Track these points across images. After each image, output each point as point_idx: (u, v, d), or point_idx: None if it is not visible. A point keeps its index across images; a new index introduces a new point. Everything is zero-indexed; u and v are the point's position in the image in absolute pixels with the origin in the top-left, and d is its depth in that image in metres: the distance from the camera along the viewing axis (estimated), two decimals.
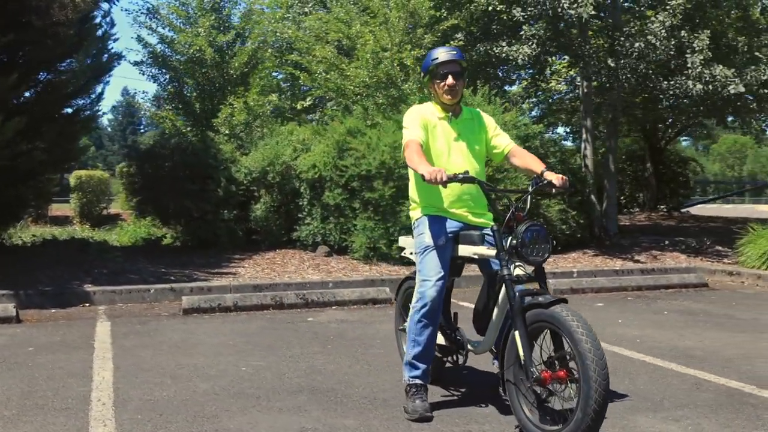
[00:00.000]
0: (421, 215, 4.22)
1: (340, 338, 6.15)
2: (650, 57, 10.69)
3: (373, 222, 10.20)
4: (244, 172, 11.04)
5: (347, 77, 11.50)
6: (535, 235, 3.69)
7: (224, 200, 10.86)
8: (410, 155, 3.96)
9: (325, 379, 4.81)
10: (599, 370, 3.25)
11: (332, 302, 7.85)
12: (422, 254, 4.10)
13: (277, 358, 5.40)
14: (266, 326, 6.70)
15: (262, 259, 10.33)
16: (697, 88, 10.59)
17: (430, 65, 4.23)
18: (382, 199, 10.10)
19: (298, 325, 6.75)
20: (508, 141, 4.36)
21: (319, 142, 11.20)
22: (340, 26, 11.99)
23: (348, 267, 9.86)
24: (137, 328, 6.61)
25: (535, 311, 3.56)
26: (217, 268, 9.60)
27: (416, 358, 4.06)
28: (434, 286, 4.00)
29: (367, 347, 5.79)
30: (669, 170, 20.85)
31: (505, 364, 3.72)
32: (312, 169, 10.71)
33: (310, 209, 11.00)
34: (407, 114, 4.25)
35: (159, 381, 4.76)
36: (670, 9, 10.40)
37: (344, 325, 6.74)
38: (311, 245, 10.92)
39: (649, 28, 10.59)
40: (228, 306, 7.51)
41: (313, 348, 5.76)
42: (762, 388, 4.58)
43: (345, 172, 10.39)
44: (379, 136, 10.41)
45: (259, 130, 12.05)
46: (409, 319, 4.10)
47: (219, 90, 13.65)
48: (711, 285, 9.51)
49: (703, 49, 10.58)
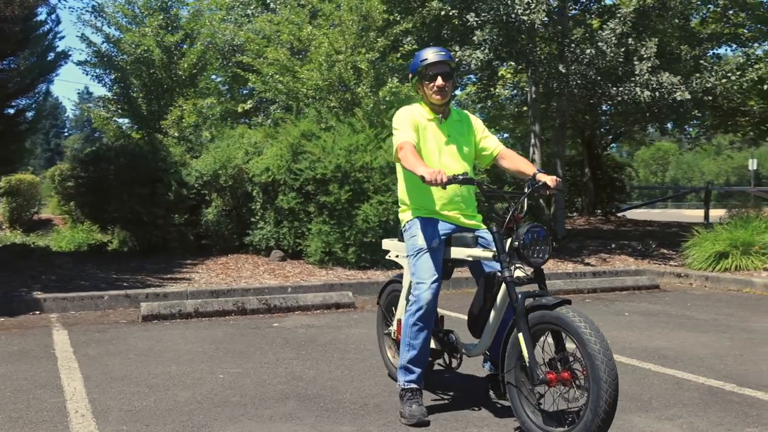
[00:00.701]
0: (412, 217, 4.16)
1: (312, 343, 6.04)
2: (600, 63, 10.87)
3: (328, 226, 10.10)
4: (195, 175, 10.81)
5: (299, 80, 11.37)
6: (536, 236, 3.67)
7: (175, 204, 10.61)
8: (406, 157, 3.90)
9: (308, 385, 4.70)
10: (609, 370, 3.24)
11: (295, 307, 7.73)
12: (415, 257, 4.04)
13: (253, 365, 5.26)
14: (233, 332, 6.53)
15: (215, 264, 10.12)
16: (645, 95, 10.82)
17: (418, 66, 4.18)
18: (338, 203, 10.01)
19: (265, 331, 6.61)
20: (497, 143, 4.33)
21: (271, 145, 11.04)
22: (291, 28, 11.85)
23: (304, 271, 9.74)
24: (97, 336, 6.37)
25: (539, 313, 3.54)
26: (169, 273, 9.36)
27: (411, 362, 4.00)
28: (429, 288, 3.94)
29: (343, 352, 5.70)
30: (605, 176, 21.32)
31: (506, 367, 3.69)
32: (266, 172, 10.55)
33: (263, 213, 10.83)
34: (397, 116, 4.19)
35: (135, 390, 4.57)
36: (620, 16, 10.60)
37: (313, 330, 6.63)
38: (264, 250, 10.75)
39: (599, 35, 10.78)
40: (189, 312, 7.30)
41: (287, 354, 5.64)
42: (741, 386, 4.66)
43: (300, 175, 10.27)
44: (334, 139, 10.32)
45: (209, 133, 11.81)
46: (404, 322, 4.04)
47: (167, 91, 13.33)
48: (662, 287, 9.70)
49: (651, 57, 10.82)
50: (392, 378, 4.79)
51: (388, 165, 10.09)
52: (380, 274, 9.67)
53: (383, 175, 10.07)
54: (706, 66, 11.59)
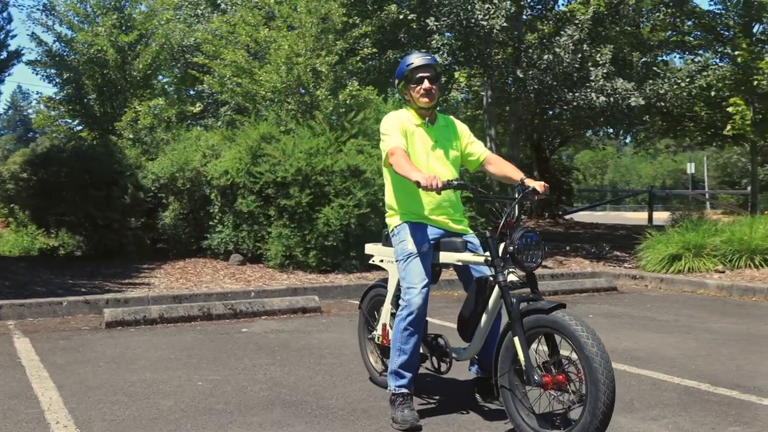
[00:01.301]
0: (401, 222, 4.15)
1: (286, 349, 5.99)
2: (557, 69, 11.04)
3: (289, 229, 10.03)
4: (151, 178, 10.63)
5: (257, 82, 11.27)
6: (529, 241, 3.71)
7: (131, 207, 10.42)
8: (399, 162, 3.89)
9: (291, 391, 4.65)
10: (607, 372, 3.29)
11: (261, 312, 7.65)
12: (405, 262, 4.04)
13: (230, 372, 5.19)
14: (202, 338, 6.44)
15: (173, 269, 9.96)
16: (601, 100, 11.02)
17: (404, 71, 4.18)
18: (299, 206, 9.95)
19: (235, 337, 6.53)
20: (483, 149, 4.36)
21: (229, 147, 10.93)
22: (248, 29, 11.74)
23: (265, 275, 9.65)
24: (61, 343, 6.20)
25: (534, 317, 3.57)
26: (128, 278, 9.18)
27: (402, 366, 4.00)
28: (420, 293, 3.95)
29: (319, 357, 5.66)
30: (553, 179, 21.64)
31: (500, 371, 3.71)
32: (224, 175, 10.43)
33: (222, 217, 10.71)
34: (385, 121, 4.18)
35: (114, 399, 4.47)
36: (578, 23, 10.78)
37: (284, 336, 6.57)
38: (223, 254, 10.63)
39: (557, 41, 10.94)
40: (153, 318, 7.17)
41: (263, 360, 5.58)
42: (716, 386, 4.77)
43: (259, 178, 10.18)
44: (294, 142, 10.26)
45: (164, 135, 11.62)
46: (394, 327, 4.03)
47: (120, 92, 13.06)
48: (619, 288, 9.89)
49: (606, 63, 11.04)
50: (374, 383, 4.78)
51: (349, 168, 10.07)
52: (342, 278, 9.64)
53: (344, 178, 10.04)
54: (658, 72, 11.87)
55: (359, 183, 10.04)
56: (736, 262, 10.46)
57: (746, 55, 14.05)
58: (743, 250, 10.47)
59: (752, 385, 4.78)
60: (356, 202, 9.94)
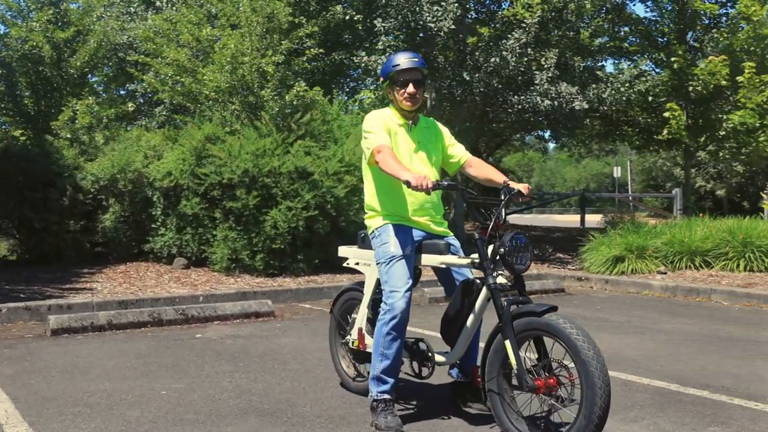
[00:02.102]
0: (383, 223, 4.06)
1: (246, 355, 5.82)
2: (503, 72, 11.10)
3: (235, 232, 9.82)
4: (90, 179, 10.26)
5: (200, 81, 11.01)
6: (518, 243, 3.66)
7: (69, 210, 10.04)
8: (386, 160, 3.79)
9: (261, 399, 4.50)
10: (603, 376, 3.26)
11: (213, 317, 7.44)
12: (388, 264, 3.94)
13: (193, 380, 5.00)
14: (155, 345, 6.21)
15: (115, 273, 9.64)
16: (545, 104, 11.13)
17: (390, 71, 4.08)
18: (246, 209, 9.76)
19: (190, 343, 6.32)
20: (464, 151, 4.30)
21: (171, 148, 10.64)
22: (190, 28, 11.45)
23: (212, 279, 9.42)
24: (6, 352, 5.90)
25: (525, 320, 3.52)
26: (68, 283, 8.83)
27: (385, 372, 3.90)
28: (403, 297, 3.86)
29: (283, 363, 5.51)
30: None
31: (488, 375, 3.65)
32: (167, 176, 10.15)
33: (165, 219, 10.42)
34: (369, 119, 4.08)
35: (76, 411, 4.25)
36: (525, 26, 10.86)
37: (241, 341, 6.39)
38: (166, 257, 10.34)
39: (503, 44, 11.00)
40: (102, 325, 6.89)
41: (224, 366, 5.40)
42: (685, 386, 4.81)
43: (204, 180, 9.94)
44: (241, 143, 10.05)
45: (103, 135, 11.22)
46: (377, 332, 3.93)
47: (56, 90, 12.58)
48: (567, 290, 9.99)
49: (551, 67, 11.15)
50: (347, 388, 4.67)
51: (296, 170, 9.91)
52: (291, 281, 9.48)
53: (292, 180, 9.88)
54: (601, 77, 12.07)
55: (307, 185, 9.90)
56: (678, 263, 10.69)
57: (682, 61, 14.44)
58: (684, 252, 10.70)
59: (719, 385, 4.84)
60: (304, 204, 9.80)
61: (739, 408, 4.31)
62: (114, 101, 16.41)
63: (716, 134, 15.13)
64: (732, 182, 36.28)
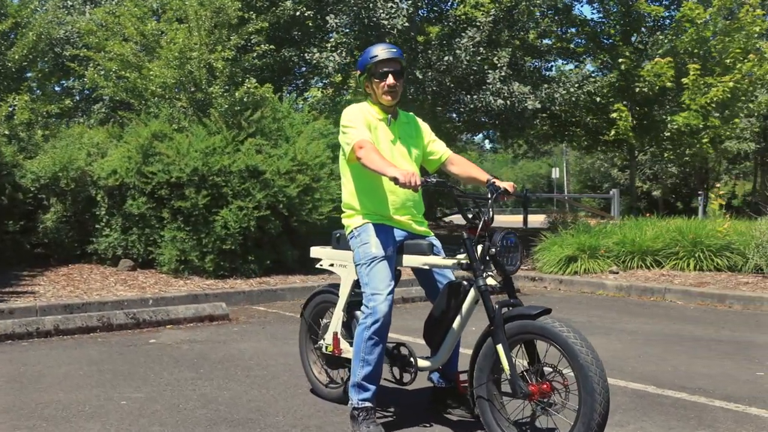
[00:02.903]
0: (362, 223, 3.87)
1: (206, 361, 5.56)
2: (456, 71, 11.01)
3: (184, 233, 9.49)
4: (30, 177, 9.79)
5: (145, 77, 10.63)
6: (508, 243, 3.52)
7: (8, 210, 9.55)
8: (370, 156, 3.60)
9: (230, 409, 4.27)
10: (602, 382, 3.13)
11: (166, 321, 7.14)
12: (369, 266, 3.76)
13: (153, 388, 4.73)
14: (108, 351, 5.90)
15: (57, 276, 9.22)
16: (498, 103, 11.08)
17: (368, 63, 3.90)
18: (195, 208, 9.44)
19: (144, 348, 6.03)
20: (445, 148, 4.15)
21: (116, 146, 10.25)
22: (134, 22, 11.05)
23: (160, 281, 9.08)
24: None
25: (518, 323, 3.38)
26: (8, 287, 8.38)
27: (366, 379, 3.71)
28: (386, 300, 3.68)
29: (246, 369, 5.28)
30: None
31: (476, 381, 3.50)
32: (112, 175, 9.76)
33: (109, 219, 10.02)
34: (348, 113, 3.89)
35: (31, 425, 3.96)
36: (480, 25, 10.79)
37: (198, 346, 6.12)
38: (111, 259, 9.95)
39: (457, 43, 10.91)
40: (48, 330, 6.53)
41: (185, 374, 5.14)
42: (662, 388, 4.75)
43: (152, 178, 9.58)
44: (190, 141, 9.72)
45: (42, 132, 10.75)
46: (357, 336, 3.74)
47: None
48: (521, 290, 9.93)
49: (503, 66, 11.11)
50: (318, 395, 4.48)
51: (247, 168, 9.64)
52: (242, 283, 9.21)
53: (243, 179, 9.60)
54: (553, 77, 12.09)
55: (258, 184, 9.63)
56: (629, 262, 10.74)
57: (629, 63, 14.60)
58: (635, 251, 10.76)
59: (695, 386, 4.79)
60: (255, 203, 9.53)
61: (721, 410, 4.25)
62: (51, 98, 15.85)
63: (661, 135, 15.35)
64: (667, 183, 37.10)
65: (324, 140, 10.68)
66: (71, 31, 14.32)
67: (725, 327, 7.14)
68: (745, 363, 5.51)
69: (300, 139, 10.37)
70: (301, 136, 10.44)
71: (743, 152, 26.61)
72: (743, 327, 7.12)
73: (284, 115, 10.91)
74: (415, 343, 4.55)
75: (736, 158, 30.94)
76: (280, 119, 10.79)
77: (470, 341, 3.93)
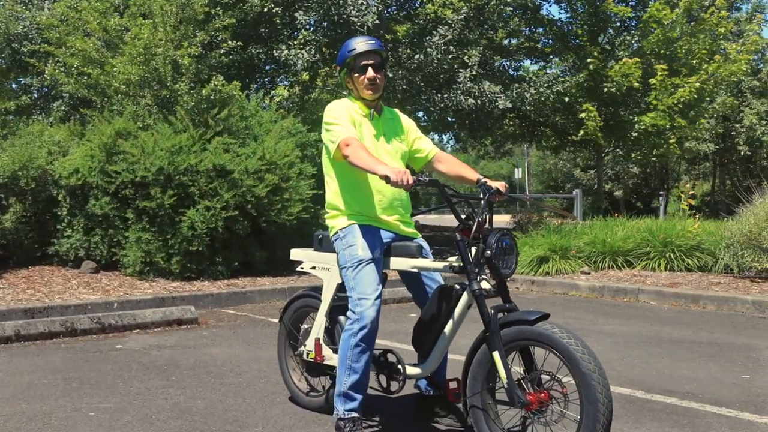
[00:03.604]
0: (348, 224, 3.69)
1: (177, 367, 5.34)
2: (427, 70, 10.87)
3: (149, 234, 9.21)
4: None
5: (108, 73, 10.30)
6: (504, 245, 3.37)
7: None
8: (358, 154, 3.42)
9: (205, 419, 4.06)
10: (605, 390, 3.00)
11: (132, 325, 6.89)
12: (355, 269, 3.58)
13: (123, 398, 4.50)
14: (73, 358, 5.65)
15: (16, 278, 8.88)
16: (469, 102, 10.97)
17: (346, 57, 3.73)
18: (161, 209, 9.16)
19: (111, 355, 5.78)
20: (432, 145, 3.99)
21: (78, 144, 9.92)
22: (96, 16, 10.72)
23: (124, 284, 8.80)
24: None
25: (514, 329, 3.23)
26: None
27: (353, 388, 3.54)
28: (374, 305, 3.51)
29: (219, 376, 5.06)
30: None
31: (470, 390, 3.35)
32: (74, 174, 9.44)
33: (71, 220, 9.69)
34: (331, 110, 3.71)
35: None
36: (451, 23, 10.66)
37: (167, 352, 5.89)
38: (73, 261, 9.62)
39: (428, 40, 10.77)
40: (8, 336, 6.24)
41: (155, 381, 4.91)
42: (651, 393, 4.64)
43: (116, 178, 9.28)
44: (155, 139, 9.44)
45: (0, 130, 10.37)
46: (343, 343, 3.56)
47: None
48: None
49: (474, 65, 11.00)
50: (298, 404, 4.30)
51: (215, 168, 9.39)
52: (210, 285, 8.97)
53: (210, 178, 9.35)
54: (523, 76, 12.02)
55: (226, 183, 9.39)
56: (600, 263, 10.71)
57: (597, 63, 14.59)
58: (606, 252, 10.73)
59: (684, 391, 4.69)
60: (223, 204, 9.29)
61: (713, 416, 4.15)
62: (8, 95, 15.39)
63: (628, 135, 15.38)
64: (629, 183, 37.45)
65: (293, 139, 10.48)
66: (29, 27, 13.88)
67: (702, 328, 7.08)
68: (729, 365, 5.44)
69: (268, 137, 10.14)
70: (270, 135, 10.21)
71: (702, 153, 26.92)
72: (720, 328, 7.08)
73: (252, 114, 10.67)
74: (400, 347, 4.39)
75: (695, 159, 31.31)
76: (248, 117, 10.55)
77: (457, 346, 3.79)
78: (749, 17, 23.75)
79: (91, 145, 9.58)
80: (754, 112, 24.05)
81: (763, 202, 9.54)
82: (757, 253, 9.32)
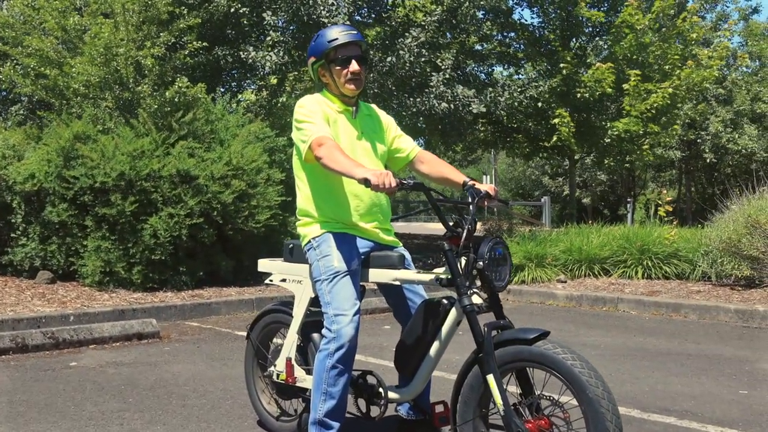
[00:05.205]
0: (321, 232, 3.34)
1: (135, 387, 4.94)
2: (400, 72, 10.56)
3: (109, 242, 8.77)
4: None
5: (67, 75, 9.84)
6: (497, 254, 3.05)
7: None
8: (333, 156, 3.07)
9: None
10: (615, 418, 2.68)
11: (89, 340, 6.46)
12: (331, 282, 3.23)
13: (73, 423, 4.10)
14: (21, 378, 5.22)
15: None
16: (443, 107, 10.68)
17: (325, 48, 3.38)
18: (121, 216, 8.73)
19: (63, 373, 5.36)
20: (413, 144, 3.65)
21: (34, 148, 9.45)
22: (55, 15, 10.25)
23: (83, 295, 8.35)
24: None
25: (511, 349, 2.90)
26: None
27: (330, 415, 3.19)
28: (352, 321, 3.17)
29: (181, 397, 4.68)
30: None
31: (460, 417, 3.01)
32: (30, 179, 8.97)
33: (26, 228, 9.23)
34: (303, 106, 3.36)
35: None
36: (424, 25, 10.37)
37: (125, 370, 5.48)
38: (28, 271, 9.15)
39: (401, 43, 10.47)
40: None
41: (110, 404, 4.51)
42: (647, 412, 4.35)
43: (74, 183, 8.83)
44: (116, 143, 9.01)
45: None
46: (318, 365, 3.21)
47: None
48: None
49: (447, 69, 10.71)
50: (266, 429, 3.93)
51: (179, 173, 8.98)
52: (173, 296, 8.55)
53: (173, 184, 8.94)
54: (497, 81, 11.76)
55: (191, 190, 8.98)
56: (576, 271, 10.46)
57: (570, 68, 14.39)
58: (582, 260, 10.49)
59: (682, 409, 4.41)
60: (187, 211, 8.88)
61: None
62: None
63: (601, 141, 15.20)
64: (597, 190, 37.49)
65: (260, 144, 10.09)
66: None
67: (688, 339, 6.83)
68: (723, 380, 5.17)
69: (235, 142, 9.76)
70: (237, 140, 9.82)
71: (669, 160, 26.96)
72: (706, 339, 6.83)
73: (218, 117, 10.27)
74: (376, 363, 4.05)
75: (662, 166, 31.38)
76: (214, 121, 10.15)
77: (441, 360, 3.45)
78: (714, 26, 23.83)
79: (47, 149, 9.12)
80: (719, 120, 24.11)
81: (741, 208, 9.35)
82: (737, 260, 9.13)
